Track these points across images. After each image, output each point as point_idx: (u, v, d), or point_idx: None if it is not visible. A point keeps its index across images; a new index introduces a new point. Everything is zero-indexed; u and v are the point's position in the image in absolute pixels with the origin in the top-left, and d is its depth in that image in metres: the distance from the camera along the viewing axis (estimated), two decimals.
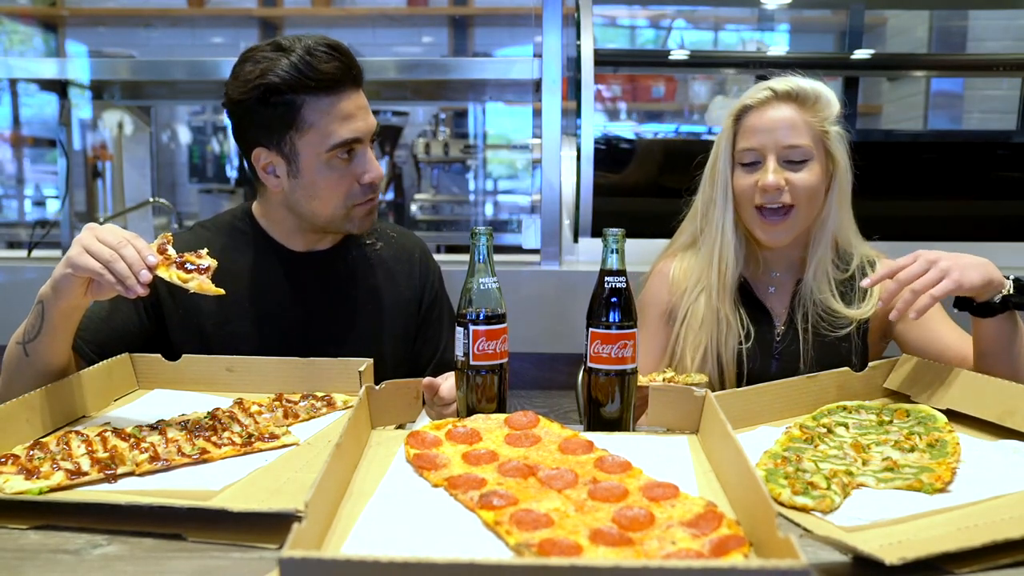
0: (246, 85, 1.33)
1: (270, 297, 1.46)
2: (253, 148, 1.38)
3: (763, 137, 1.44)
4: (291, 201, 1.41)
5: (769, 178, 1.43)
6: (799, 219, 1.45)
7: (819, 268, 1.48)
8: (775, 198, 1.43)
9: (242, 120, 1.38)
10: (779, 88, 1.46)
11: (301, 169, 1.37)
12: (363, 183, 1.38)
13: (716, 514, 0.80)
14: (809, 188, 1.44)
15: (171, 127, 4.66)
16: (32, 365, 1.22)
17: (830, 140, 1.45)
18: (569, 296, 2.07)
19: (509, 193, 4.59)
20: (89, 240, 1.12)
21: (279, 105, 1.32)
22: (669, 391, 1.10)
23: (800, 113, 1.44)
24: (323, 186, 1.37)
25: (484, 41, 4.76)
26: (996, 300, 1.28)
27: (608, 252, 1.14)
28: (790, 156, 1.43)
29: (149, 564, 0.79)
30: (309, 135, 1.34)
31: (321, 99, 1.33)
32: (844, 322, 1.48)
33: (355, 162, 1.37)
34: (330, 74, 1.32)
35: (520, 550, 0.76)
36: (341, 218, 1.41)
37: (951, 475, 0.96)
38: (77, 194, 3.05)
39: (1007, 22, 3.83)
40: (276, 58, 1.32)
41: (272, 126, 1.35)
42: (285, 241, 1.48)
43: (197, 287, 1.14)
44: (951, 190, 2.51)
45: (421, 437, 1.04)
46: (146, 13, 4.70)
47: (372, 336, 1.50)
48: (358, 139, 1.36)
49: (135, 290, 1.10)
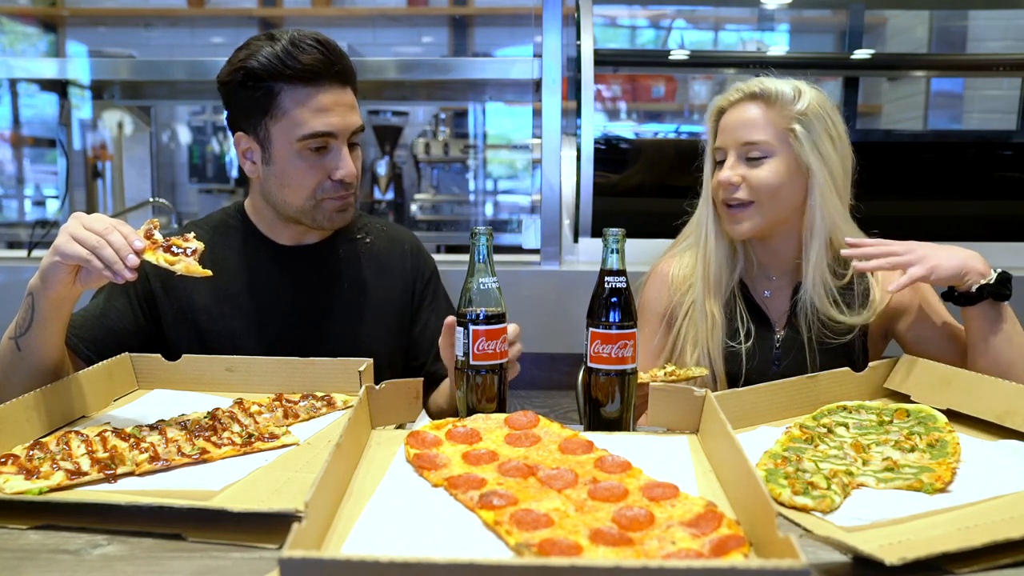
0: (231, 68, 1.38)
1: (262, 290, 1.47)
2: (235, 132, 1.42)
3: (726, 135, 1.49)
4: (265, 189, 1.44)
5: (724, 174, 1.46)
6: (760, 213, 1.46)
7: (816, 276, 1.48)
8: (731, 194, 1.46)
9: (227, 103, 1.43)
10: (746, 88, 1.49)
11: (273, 156, 1.39)
12: (334, 179, 1.40)
13: (716, 514, 0.80)
14: (768, 184, 1.44)
15: (171, 127, 4.66)
16: (25, 360, 1.22)
17: (795, 138, 1.44)
18: (569, 296, 2.06)
19: (509, 193, 4.58)
20: (76, 228, 1.13)
21: (257, 90, 1.36)
22: (669, 391, 1.10)
23: (764, 111, 1.46)
24: (292, 175, 1.39)
25: (484, 41, 4.76)
26: (973, 289, 1.33)
27: (608, 252, 1.14)
28: (749, 152, 1.46)
29: (149, 564, 0.79)
30: (282, 123, 1.36)
31: (298, 88, 1.35)
32: (845, 329, 1.48)
33: (328, 157, 1.39)
34: (309, 65, 1.34)
35: (520, 550, 0.76)
36: (311, 210, 1.42)
37: (951, 475, 0.96)
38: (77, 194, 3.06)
39: (1007, 22, 3.82)
40: (262, 45, 1.36)
41: (250, 110, 1.38)
42: (272, 235, 1.50)
43: (184, 269, 1.14)
44: (951, 190, 2.51)
45: (421, 437, 1.04)
46: (146, 13, 4.69)
47: (365, 327, 1.51)
48: (331, 133, 1.37)
49: (123, 275, 1.10)
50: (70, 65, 2.69)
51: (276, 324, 1.47)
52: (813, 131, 1.44)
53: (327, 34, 1.40)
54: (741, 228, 1.48)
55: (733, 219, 1.48)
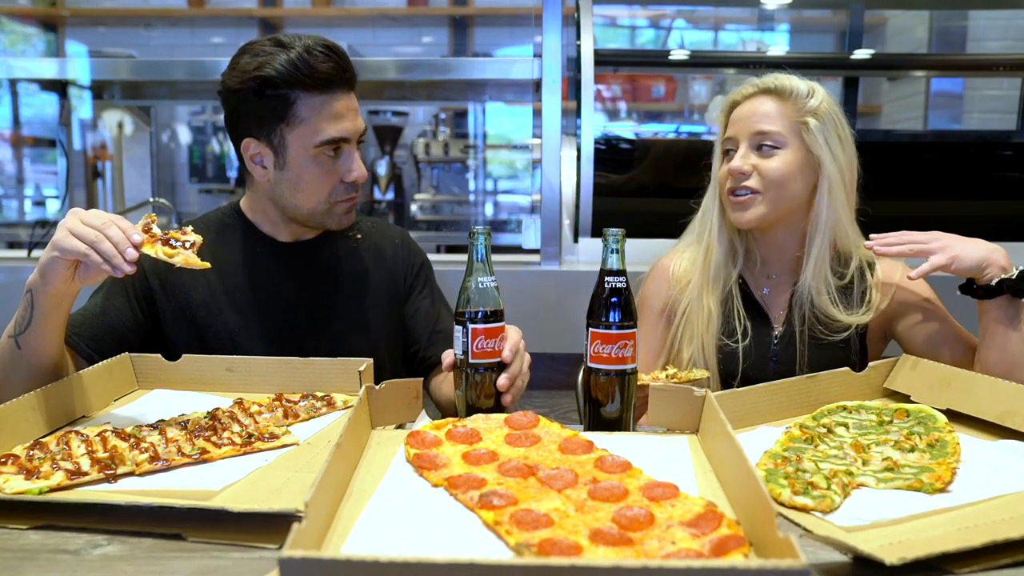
0: (243, 75, 1.37)
1: (259, 286, 1.49)
2: (243, 137, 1.42)
3: (739, 126, 1.49)
4: (275, 193, 1.45)
5: (735, 162, 1.47)
6: (766, 203, 1.46)
7: (817, 270, 1.48)
8: (740, 182, 1.46)
9: (236, 109, 1.42)
10: (762, 83, 1.50)
11: (288, 162, 1.40)
12: (347, 181, 1.42)
13: (716, 514, 0.80)
14: (777, 175, 1.45)
15: (171, 127, 4.66)
16: (25, 358, 1.22)
17: (808, 131, 1.45)
18: (569, 296, 2.07)
19: (509, 193, 4.58)
20: (74, 223, 1.13)
21: (273, 98, 1.36)
22: (669, 391, 1.10)
23: (778, 104, 1.47)
24: (308, 180, 1.41)
25: (484, 41, 4.76)
26: (993, 283, 1.33)
27: (608, 252, 1.14)
28: (761, 142, 1.46)
29: (149, 564, 0.79)
30: (299, 130, 1.38)
31: (314, 96, 1.37)
32: (841, 327, 1.48)
33: (340, 160, 1.41)
34: (325, 74, 1.36)
35: (520, 550, 0.76)
36: (322, 213, 1.45)
37: (951, 475, 0.96)
38: (77, 194, 3.06)
39: (1007, 22, 3.82)
40: (275, 53, 1.36)
41: (264, 118, 1.38)
42: (271, 232, 1.52)
43: (183, 261, 1.14)
44: (951, 190, 2.51)
45: (421, 437, 1.04)
46: (146, 13, 4.69)
47: (362, 319, 1.52)
48: (345, 139, 1.40)
49: (122, 268, 1.11)
50: (70, 65, 2.69)
51: (275, 319, 1.48)
52: (825, 127, 1.46)
53: (327, 34, 1.41)
54: (746, 216, 1.47)
55: (739, 207, 1.48)
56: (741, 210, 1.48)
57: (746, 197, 1.47)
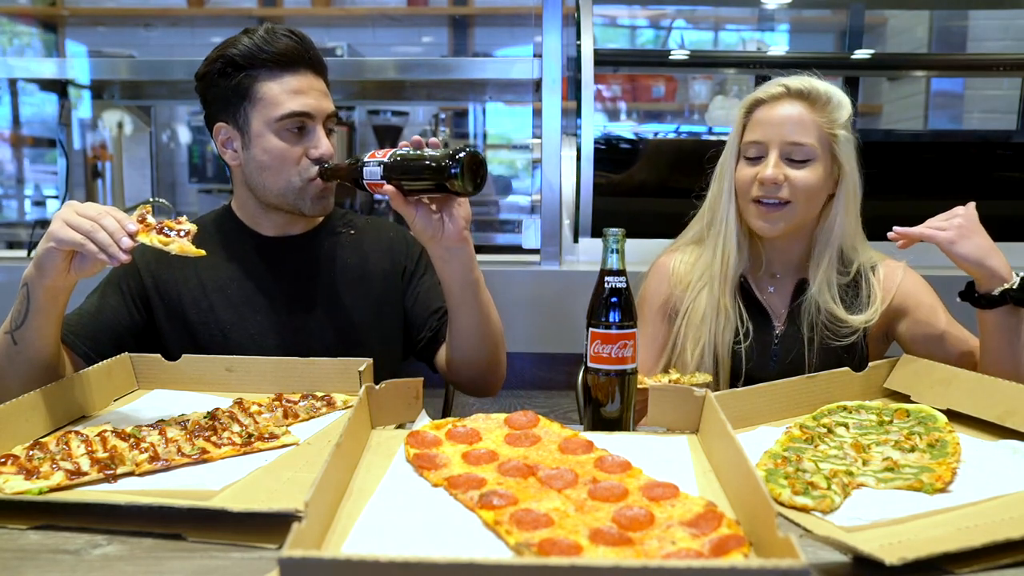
0: (209, 61, 1.44)
1: (249, 282, 1.49)
2: (215, 123, 1.46)
3: (769, 131, 1.45)
4: (247, 176, 1.47)
5: (768, 171, 1.43)
6: (795, 214, 1.46)
7: (824, 276, 1.48)
8: (772, 192, 1.44)
9: (205, 95, 1.47)
10: (792, 85, 1.47)
11: (252, 139, 1.43)
12: (311, 157, 1.43)
13: (716, 514, 0.80)
14: (808, 187, 1.44)
15: (171, 127, 4.65)
16: (21, 354, 1.22)
17: (838, 144, 1.45)
18: (569, 296, 2.06)
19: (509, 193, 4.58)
20: (69, 214, 1.14)
21: (235, 77, 1.41)
22: (669, 391, 1.10)
23: (810, 112, 1.45)
24: (272, 156, 1.42)
25: (484, 41, 4.75)
26: (995, 293, 1.31)
27: (608, 252, 1.14)
28: (793, 153, 1.44)
29: (149, 564, 0.79)
30: (260, 106, 1.41)
31: (274, 72, 1.41)
32: (848, 330, 1.47)
33: (305, 138, 1.43)
34: (285, 51, 1.41)
35: (520, 550, 0.76)
36: (294, 194, 1.45)
37: (951, 475, 0.96)
38: (77, 194, 3.06)
39: (1007, 22, 3.82)
40: (240, 37, 1.43)
41: (229, 99, 1.43)
42: (256, 227, 1.53)
43: (179, 249, 1.15)
44: (951, 190, 2.50)
45: (421, 437, 1.04)
46: (146, 13, 4.69)
47: (355, 312, 1.52)
48: (308, 114, 1.42)
49: (118, 257, 1.11)
50: (70, 65, 2.69)
51: (265, 314, 1.48)
52: (851, 139, 1.46)
53: (327, 34, 1.43)
54: (777, 227, 1.46)
55: (768, 217, 1.45)
56: (771, 221, 1.45)
57: (776, 208, 1.45)
